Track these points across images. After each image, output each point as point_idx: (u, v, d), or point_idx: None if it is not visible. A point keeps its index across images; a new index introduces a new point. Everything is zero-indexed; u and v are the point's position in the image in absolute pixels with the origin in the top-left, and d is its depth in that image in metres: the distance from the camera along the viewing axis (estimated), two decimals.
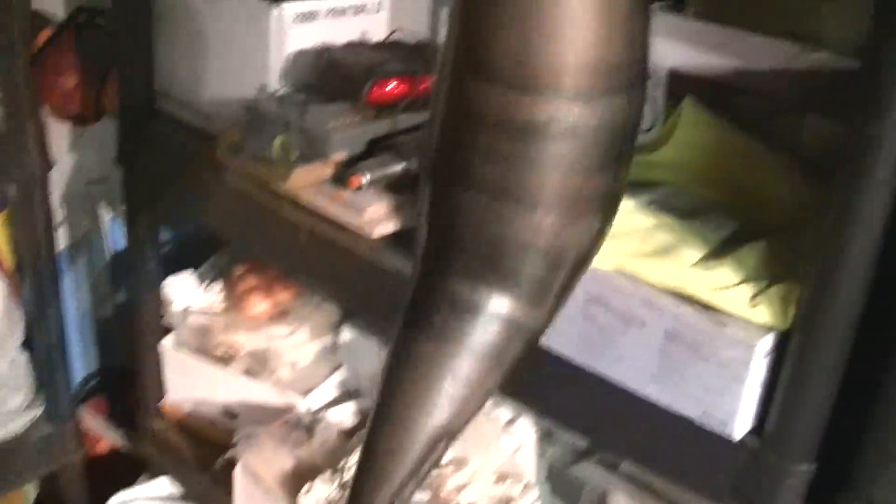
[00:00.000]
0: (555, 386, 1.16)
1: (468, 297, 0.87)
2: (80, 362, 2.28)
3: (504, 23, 0.77)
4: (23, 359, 2.00)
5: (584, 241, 0.88)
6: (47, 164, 1.76)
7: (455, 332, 0.88)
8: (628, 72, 0.80)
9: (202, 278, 1.95)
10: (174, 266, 1.95)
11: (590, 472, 1.58)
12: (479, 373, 0.90)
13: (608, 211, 0.88)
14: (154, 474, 2.02)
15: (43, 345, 1.96)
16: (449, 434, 0.93)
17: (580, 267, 0.90)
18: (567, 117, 0.78)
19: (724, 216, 1.13)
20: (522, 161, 0.80)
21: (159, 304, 1.90)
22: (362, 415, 1.81)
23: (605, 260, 1.07)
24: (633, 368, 1.07)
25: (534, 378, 1.17)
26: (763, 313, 0.99)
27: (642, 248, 1.07)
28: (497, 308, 0.88)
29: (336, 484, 1.60)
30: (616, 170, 0.84)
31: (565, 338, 1.12)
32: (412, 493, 0.94)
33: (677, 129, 1.24)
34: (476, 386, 0.90)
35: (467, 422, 0.94)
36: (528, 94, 0.78)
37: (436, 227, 0.89)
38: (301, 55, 1.51)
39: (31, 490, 2.26)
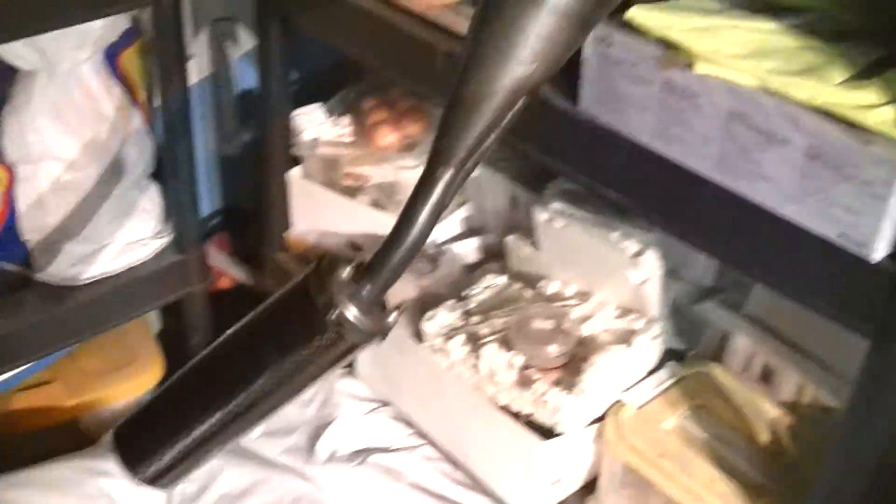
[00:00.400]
0: (691, 205, 1.16)
1: None
2: (206, 200, 2.32)
3: None
4: (153, 189, 2.05)
5: None
6: None
7: None
8: None
9: (331, 111, 1.96)
10: (302, 102, 1.97)
11: (713, 312, 1.59)
12: (560, 31, 0.94)
13: None
14: None
15: (173, 175, 2.00)
16: (531, 87, 0.96)
17: None
18: None
19: (871, 41, 1.11)
20: None
21: (288, 134, 1.92)
22: (486, 251, 1.83)
23: (748, 76, 1.06)
24: (772, 188, 1.06)
25: (670, 196, 1.18)
26: None
27: (787, 67, 1.06)
28: None
29: (459, 312, 1.62)
30: None
31: (704, 156, 1.11)
32: (488, 148, 0.97)
33: None
34: (557, 42, 0.94)
35: (547, 78, 0.97)
36: None
37: None
38: None
39: (155, 321, 2.32)
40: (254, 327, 1.06)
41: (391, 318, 1.01)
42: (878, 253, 1.01)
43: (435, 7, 1.38)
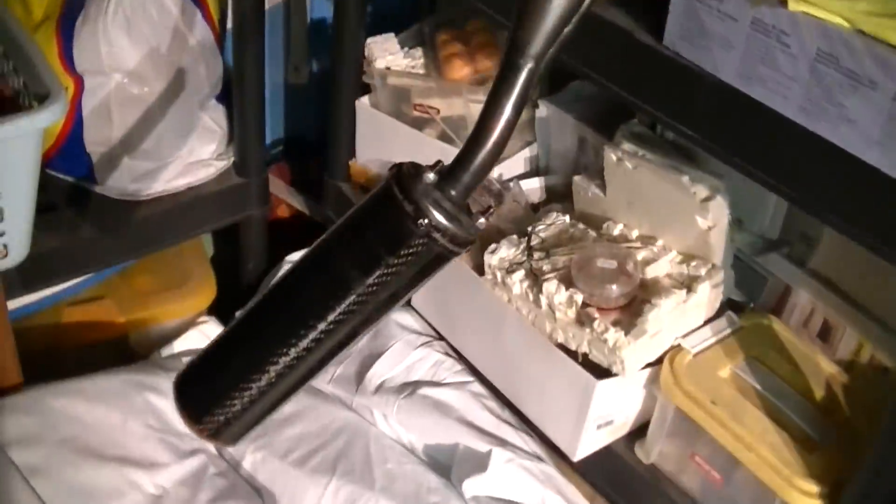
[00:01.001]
0: (773, 147, 1.15)
1: None
2: (269, 128, 2.32)
3: None
4: (220, 110, 2.05)
5: None
6: None
7: None
8: None
9: (404, 43, 1.96)
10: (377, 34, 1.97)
11: (776, 265, 1.58)
12: None
13: None
14: None
15: (240, 98, 2.01)
16: None
17: None
18: None
19: None
20: None
21: (360, 63, 1.92)
22: (549, 192, 1.83)
23: (841, 16, 1.04)
24: (857, 132, 1.05)
25: (751, 138, 1.17)
26: None
27: (883, 9, 1.04)
28: None
29: (522, 247, 1.62)
30: None
31: (789, 97, 1.10)
32: (567, 36, 0.92)
33: None
34: None
35: None
36: None
37: None
38: None
39: (209, 243, 2.34)
40: (331, 245, 0.98)
41: (480, 223, 0.97)
42: None
43: None
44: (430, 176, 0.93)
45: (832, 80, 1.06)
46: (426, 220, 0.91)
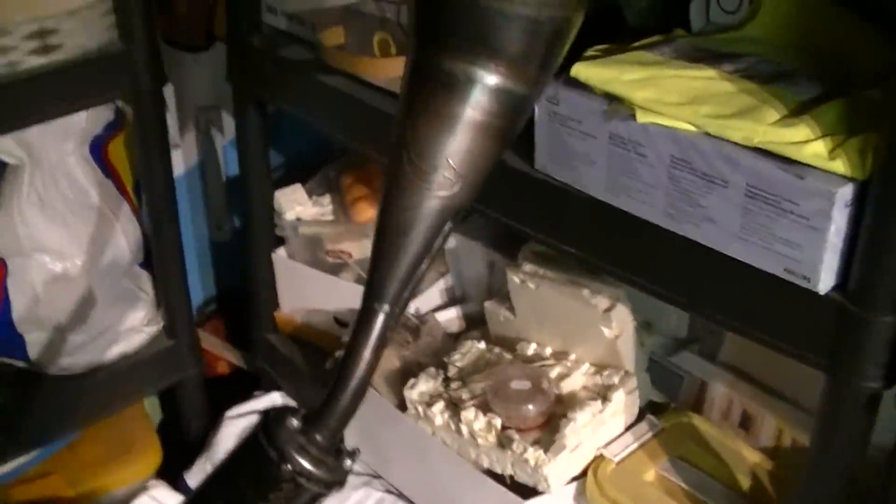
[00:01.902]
0: (645, 254, 1.19)
1: (460, 73, 0.94)
2: (198, 286, 2.35)
3: None
4: (144, 276, 2.08)
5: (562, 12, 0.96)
6: (160, 78, 1.81)
7: (451, 109, 0.95)
8: None
9: (311, 191, 2.00)
10: (284, 184, 2.01)
11: (689, 362, 1.61)
12: (477, 144, 0.97)
13: None
14: (268, 389, 2.09)
15: (162, 263, 2.03)
16: (456, 208, 0.99)
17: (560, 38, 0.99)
18: None
19: (807, 80, 1.14)
20: None
21: (271, 216, 1.96)
22: (467, 319, 1.86)
23: (687, 122, 1.09)
24: (717, 228, 1.09)
25: (625, 248, 1.21)
26: (842, 164, 1.00)
27: (724, 110, 1.09)
28: (487, 80, 0.95)
29: (440, 379, 1.65)
30: None
31: (653, 204, 1.14)
32: (422, 275, 0.99)
33: (762, 5, 1.26)
34: (477, 157, 0.97)
35: (472, 197, 1.00)
36: None
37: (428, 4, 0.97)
38: None
39: (157, 411, 2.34)
40: (207, 493, 1.04)
41: (347, 464, 1.01)
42: (825, 284, 1.04)
43: (395, 78, 1.42)
44: (295, 422, 0.97)
45: (689, 184, 1.10)
46: (289, 466, 0.94)
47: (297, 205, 1.96)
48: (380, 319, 0.98)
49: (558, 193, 1.25)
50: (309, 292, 1.96)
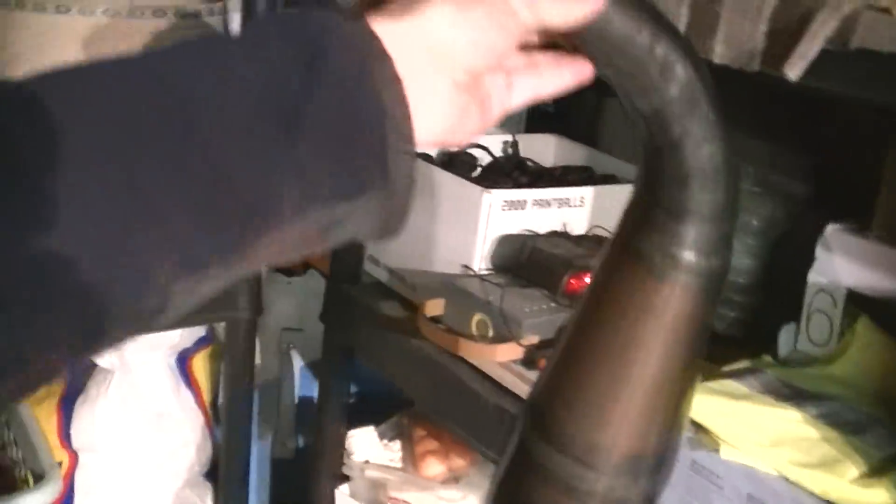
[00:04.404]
0: None
1: None
2: (255, 497, 2.39)
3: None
4: (207, 487, 2.13)
5: None
6: (258, 309, 1.88)
7: None
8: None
9: (383, 435, 2.04)
10: (356, 417, 2.06)
11: None
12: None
13: None
14: None
15: (226, 477, 2.08)
16: None
17: None
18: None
19: (888, 434, 1.19)
20: None
21: (340, 450, 2.00)
22: None
23: (769, 464, 1.14)
24: None
25: None
26: None
27: (806, 458, 1.14)
28: None
29: None
30: None
31: None
32: None
33: (851, 346, 1.32)
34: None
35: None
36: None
37: None
38: (506, 240, 1.61)
39: None
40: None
41: None
42: None
43: (496, 364, 1.47)
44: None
45: None
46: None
47: (367, 447, 2.00)
48: None
49: None
50: None
